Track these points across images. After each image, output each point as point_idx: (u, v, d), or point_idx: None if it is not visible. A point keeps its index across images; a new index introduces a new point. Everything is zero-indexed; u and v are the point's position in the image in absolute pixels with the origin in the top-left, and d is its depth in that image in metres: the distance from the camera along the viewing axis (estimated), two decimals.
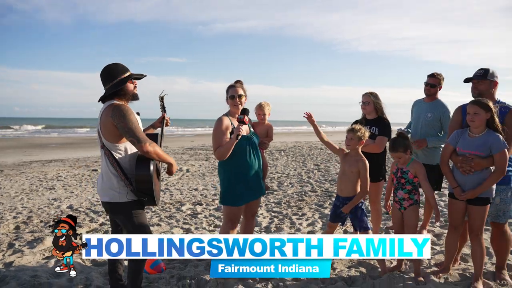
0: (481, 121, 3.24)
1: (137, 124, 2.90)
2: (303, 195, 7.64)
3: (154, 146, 2.88)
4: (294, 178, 9.66)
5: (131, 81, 3.00)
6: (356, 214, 3.70)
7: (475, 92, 3.58)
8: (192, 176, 10.23)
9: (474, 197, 3.28)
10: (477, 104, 3.25)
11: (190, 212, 6.27)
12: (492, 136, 3.23)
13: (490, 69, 3.54)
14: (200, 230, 5.23)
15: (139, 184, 2.91)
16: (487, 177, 3.25)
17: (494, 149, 3.20)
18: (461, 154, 3.34)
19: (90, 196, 7.58)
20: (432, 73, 4.69)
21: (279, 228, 5.36)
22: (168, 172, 3.13)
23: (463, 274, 3.62)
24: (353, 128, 3.73)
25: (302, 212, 6.25)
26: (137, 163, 2.93)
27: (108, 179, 2.92)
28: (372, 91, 4.43)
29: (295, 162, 13.10)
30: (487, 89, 3.53)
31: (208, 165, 12.33)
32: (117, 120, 2.82)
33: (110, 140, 2.90)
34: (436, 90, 4.64)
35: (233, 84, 3.72)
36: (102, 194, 2.98)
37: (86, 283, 3.48)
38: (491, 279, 3.53)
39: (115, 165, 2.90)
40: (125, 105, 2.94)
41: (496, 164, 3.21)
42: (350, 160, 3.73)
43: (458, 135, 3.42)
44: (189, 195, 7.73)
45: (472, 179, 3.29)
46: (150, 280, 3.49)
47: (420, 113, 4.65)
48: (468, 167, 3.26)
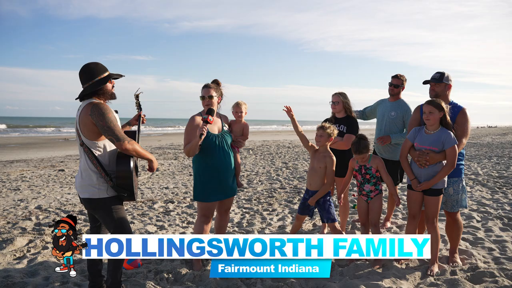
0: (435, 120, 3.58)
1: (116, 122, 2.99)
2: (272, 191, 7.86)
3: (133, 144, 2.99)
4: (263, 176, 9.88)
5: (110, 80, 3.09)
6: (324, 206, 3.96)
7: (432, 93, 3.91)
8: (162, 175, 10.24)
9: (429, 188, 3.62)
10: (431, 104, 3.60)
11: (162, 210, 6.34)
12: (445, 133, 3.57)
13: (445, 73, 3.88)
14: (173, 227, 5.33)
15: (119, 180, 3.01)
16: (439, 170, 3.59)
17: (446, 144, 3.54)
18: (418, 149, 3.68)
19: (59, 196, 7.46)
20: (396, 74, 5.04)
21: (250, 223, 5.54)
22: (149, 169, 3.22)
23: (421, 260, 3.94)
24: (323, 126, 3.99)
25: (272, 208, 6.47)
26: (117, 160, 3.02)
27: (87, 176, 3.00)
28: (341, 91, 4.70)
29: (264, 160, 13.33)
30: (442, 91, 3.87)
31: (178, 164, 12.35)
32: (96, 119, 2.91)
33: (89, 138, 2.98)
34: (399, 90, 5.00)
35: (208, 84, 3.82)
36: (82, 191, 3.04)
37: (63, 280, 3.50)
38: (445, 262, 3.89)
39: (95, 162, 2.98)
40: (103, 104, 3.02)
41: (447, 158, 3.56)
42: (319, 156, 4.00)
43: (416, 132, 3.75)
44: (160, 194, 7.78)
45: (427, 172, 3.63)
46: (128, 275, 3.57)
47: (385, 112, 4.97)
48: (423, 160, 3.60)
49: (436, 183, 3.61)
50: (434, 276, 3.54)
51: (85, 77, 3.03)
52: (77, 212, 6.09)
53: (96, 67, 3.05)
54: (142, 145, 3.16)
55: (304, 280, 3.47)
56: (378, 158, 3.98)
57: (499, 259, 3.97)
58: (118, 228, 3.03)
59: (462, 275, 3.58)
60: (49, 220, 5.54)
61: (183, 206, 6.65)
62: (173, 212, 6.17)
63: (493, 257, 4.04)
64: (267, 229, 5.19)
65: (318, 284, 3.41)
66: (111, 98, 3.14)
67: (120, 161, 3.01)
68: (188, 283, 3.39)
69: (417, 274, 3.57)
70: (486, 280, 3.44)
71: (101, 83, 3.02)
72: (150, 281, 3.40)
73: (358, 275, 3.56)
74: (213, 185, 3.72)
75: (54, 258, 4.00)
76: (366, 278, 3.49)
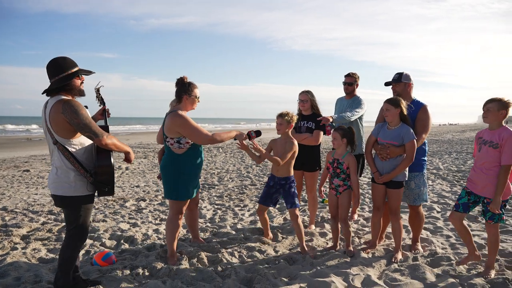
0: (393, 116, 3.82)
1: (90, 118, 2.95)
2: (243, 188, 7.99)
3: (111, 138, 2.99)
4: (234, 173, 9.99)
5: (78, 76, 3.03)
6: (290, 191, 4.14)
7: (394, 93, 4.17)
8: (132, 173, 10.15)
9: (389, 180, 3.86)
10: (388, 102, 3.86)
11: (134, 208, 6.33)
12: (405, 128, 3.82)
13: (404, 73, 4.14)
14: (146, 224, 5.35)
15: (101, 175, 2.99)
16: (399, 163, 3.83)
17: (405, 139, 3.80)
18: (380, 143, 3.93)
19: (26, 197, 7.27)
20: (348, 73, 5.26)
21: (223, 219, 5.64)
22: (127, 160, 3.23)
23: (387, 248, 4.19)
24: (282, 113, 4.12)
25: (243, 204, 6.59)
26: (97, 155, 3.00)
27: (63, 173, 2.96)
28: (308, 90, 4.88)
29: (234, 158, 13.44)
30: (403, 89, 4.12)
31: (147, 163, 12.25)
32: (69, 117, 2.85)
33: (64, 136, 2.93)
34: (354, 87, 5.22)
35: (195, 85, 3.77)
36: (55, 187, 2.99)
37: (36, 279, 3.46)
38: (408, 250, 4.15)
39: (72, 159, 2.94)
40: (74, 100, 2.97)
41: (407, 152, 3.81)
42: (281, 143, 4.15)
43: (379, 127, 4.01)
44: (132, 192, 7.74)
45: (388, 165, 3.87)
46: (103, 272, 3.59)
47: (342, 110, 5.19)
48: (384, 153, 3.84)
49: (396, 176, 3.85)
50: (398, 263, 3.78)
51: (52, 71, 2.95)
52: (46, 212, 5.98)
53: (65, 62, 2.98)
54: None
55: (277, 271, 3.62)
56: (353, 157, 4.08)
57: (455, 245, 4.32)
58: (79, 228, 3.07)
59: (423, 260, 3.84)
60: (16, 221, 5.43)
61: (155, 203, 6.66)
62: (145, 210, 6.18)
63: (450, 243, 4.37)
64: (239, 224, 5.31)
65: (290, 273, 3.57)
66: (80, 94, 3.08)
67: (101, 156, 2.99)
68: (164, 277, 3.46)
69: (382, 262, 3.79)
70: (443, 264, 3.73)
71: (69, 78, 2.95)
72: (126, 276, 3.44)
73: (328, 265, 3.74)
74: (194, 183, 3.84)
75: (25, 259, 3.95)
76: (335, 267, 3.68)
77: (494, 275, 3.42)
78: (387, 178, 3.87)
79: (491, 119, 3.37)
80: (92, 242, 4.51)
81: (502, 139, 3.29)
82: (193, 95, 3.71)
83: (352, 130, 4.13)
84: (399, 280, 3.36)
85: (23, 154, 15.16)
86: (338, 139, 4.05)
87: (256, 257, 3.98)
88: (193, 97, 3.72)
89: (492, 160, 3.35)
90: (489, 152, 3.37)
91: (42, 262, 3.96)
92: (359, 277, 3.41)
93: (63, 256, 3.11)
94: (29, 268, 3.74)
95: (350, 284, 3.28)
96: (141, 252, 4.14)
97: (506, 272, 3.50)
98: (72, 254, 3.13)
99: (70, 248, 3.11)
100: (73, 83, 3.00)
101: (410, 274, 3.50)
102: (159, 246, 4.30)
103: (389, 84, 4.22)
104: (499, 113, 3.33)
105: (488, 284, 3.24)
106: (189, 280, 3.40)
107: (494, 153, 3.34)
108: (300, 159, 4.81)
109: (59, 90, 2.97)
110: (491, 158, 3.35)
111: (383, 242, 4.43)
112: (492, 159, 3.35)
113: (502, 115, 3.33)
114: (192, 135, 3.57)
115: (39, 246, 4.40)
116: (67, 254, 3.11)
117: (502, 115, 3.33)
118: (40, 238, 4.70)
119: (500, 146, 3.30)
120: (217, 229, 5.06)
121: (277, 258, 3.97)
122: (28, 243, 4.49)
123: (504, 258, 3.84)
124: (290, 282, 3.36)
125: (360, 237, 4.66)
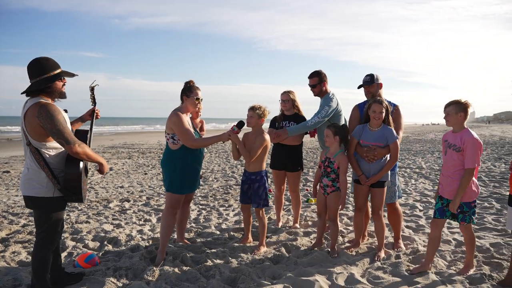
0: (382, 118, 3.85)
1: (65, 124, 2.87)
2: (228, 188, 7.98)
3: (83, 147, 2.90)
4: (219, 173, 9.98)
5: (60, 79, 2.95)
6: (258, 191, 4.11)
7: (368, 95, 4.23)
8: (116, 174, 10.04)
9: (377, 181, 3.90)
10: (382, 104, 3.85)
11: (118, 209, 6.27)
12: (388, 130, 3.87)
13: (374, 74, 4.22)
14: (130, 225, 5.30)
15: (68, 182, 2.92)
16: (384, 164, 3.89)
17: (389, 140, 3.84)
18: (365, 145, 3.94)
19: (5, 199, 7.12)
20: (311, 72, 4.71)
21: (207, 219, 5.63)
22: (100, 171, 3.21)
23: (370, 247, 4.24)
24: (254, 106, 4.10)
25: (228, 204, 6.59)
26: (66, 162, 2.93)
27: (35, 174, 2.89)
28: (290, 90, 4.89)
29: (219, 158, 13.43)
30: (376, 90, 4.21)
31: (132, 163, 12.14)
32: (43, 121, 2.78)
33: (37, 139, 2.87)
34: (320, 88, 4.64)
35: (196, 86, 3.88)
36: (26, 188, 2.92)
37: (15, 283, 3.37)
38: (390, 248, 4.21)
39: (42, 163, 2.87)
40: (52, 105, 2.88)
41: (391, 152, 3.87)
42: (252, 138, 4.11)
43: (360, 129, 3.99)
44: (115, 193, 7.66)
45: (375, 166, 3.91)
46: (86, 273, 3.54)
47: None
48: (372, 156, 3.87)
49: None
50: (381, 261, 3.82)
51: (32, 71, 2.88)
52: (27, 214, 5.87)
53: (47, 63, 2.91)
54: (94, 145, 3.11)
55: (261, 270, 3.63)
56: (344, 157, 4.03)
57: None
58: (50, 230, 2.98)
59: (405, 258, 3.90)
60: None
61: (139, 204, 6.60)
62: (129, 211, 6.12)
63: None
64: (223, 224, 5.31)
65: (274, 273, 3.58)
66: (60, 97, 3.01)
67: (69, 163, 2.92)
68: (148, 278, 3.43)
69: (365, 260, 3.84)
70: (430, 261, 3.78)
71: (50, 81, 2.88)
72: (109, 278, 3.41)
73: (312, 263, 3.76)
74: (191, 179, 3.90)
75: (3, 262, 3.87)
76: (319, 266, 3.71)
77: (473, 272, 3.49)
78: (375, 180, 3.90)
79: (452, 122, 3.39)
80: (74, 244, 4.45)
81: (464, 142, 3.29)
82: (191, 96, 3.81)
83: (346, 127, 4.14)
84: (382, 278, 3.41)
85: (3, 154, 14.84)
86: (330, 136, 3.99)
87: (240, 257, 3.98)
88: (192, 98, 3.81)
89: (457, 163, 3.34)
90: (453, 156, 3.37)
91: (22, 265, 3.88)
92: (342, 275, 3.45)
93: (36, 260, 3.01)
94: (7, 271, 3.65)
95: (334, 283, 3.31)
96: (124, 253, 4.10)
97: (483, 267, 3.59)
98: (45, 257, 3.02)
99: (41, 252, 3.01)
100: (54, 86, 2.92)
101: (393, 271, 3.55)
102: (143, 247, 4.27)
103: (361, 87, 4.27)
104: (457, 115, 3.33)
105: (467, 280, 3.31)
106: (173, 281, 3.38)
107: (458, 156, 3.33)
108: (282, 159, 4.83)
109: (39, 92, 2.90)
110: (455, 162, 3.35)
111: (366, 240, 4.48)
112: (456, 163, 3.35)
113: (461, 117, 3.33)
114: (180, 135, 3.72)
115: (19, 249, 4.31)
116: (39, 258, 3.00)
117: (461, 117, 3.33)
118: (21, 241, 4.61)
119: (462, 149, 3.30)
120: (201, 229, 5.05)
121: (261, 258, 3.98)
122: (7, 246, 4.40)
123: (482, 254, 3.94)
124: (274, 281, 3.37)
125: (344, 235, 4.70)
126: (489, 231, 4.77)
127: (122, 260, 3.85)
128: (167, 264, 3.71)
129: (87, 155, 2.93)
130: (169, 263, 3.73)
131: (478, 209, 5.87)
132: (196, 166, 3.93)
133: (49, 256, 3.05)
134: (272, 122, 4.95)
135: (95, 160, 3.04)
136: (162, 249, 3.85)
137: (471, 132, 3.32)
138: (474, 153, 3.26)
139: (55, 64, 2.95)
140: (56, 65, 2.96)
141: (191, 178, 3.91)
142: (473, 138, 3.27)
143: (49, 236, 3.02)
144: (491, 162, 11.37)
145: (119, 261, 3.86)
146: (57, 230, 3.04)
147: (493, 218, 5.32)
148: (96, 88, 3.55)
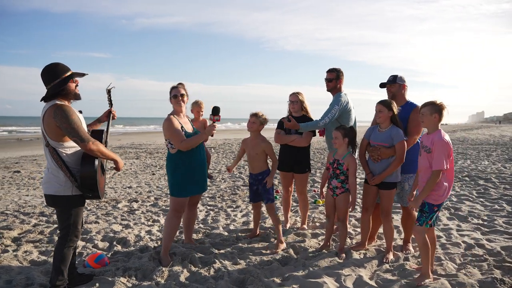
0: (384, 117, 3.85)
1: (79, 123, 3.03)
2: (235, 189, 8.00)
3: (97, 145, 3.05)
4: (226, 174, 9.99)
5: (72, 80, 3.10)
6: (266, 187, 4.30)
7: (389, 94, 4.20)
8: (124, 174, 10.11)
9: (380, 181, 3.89)
10: (381, 103, 3.89)
11: (126, 209, 6.31)
12: (395, 129, 3.86)
13: (398, 75, 4.18)
14: (139, 225, 5.34)
15: (84, 180, 3.07)
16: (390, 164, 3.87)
17: (395, 140, 3.83)
18: (372, 145, 3.97)
19: (17, 199, 7.21)
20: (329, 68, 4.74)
21: (215, 220, 5.65)
22: (115, 169, 3.29)
23: (378, 249, 4.23)
24: (257, 113, 4.27)
25: (236, 205, 6.60)
26: (82, 160, 3.08)
27: (53, 173, 3.05)
28: (299, 91, 4.89)
29: (226, 158, 13.44)
30: (397, 90, 4.16)
31: (140, 164, 12.21)
32: (59, 121, 2.95)
33: (55, 139, 3.02)
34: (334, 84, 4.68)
35: (178, 83, 3.95)
36: (47, 187, 3.09)
37: (27, 282, 3.43)
38: (399, 250, 4.19)
39: (60, 163, 3.03)
40: (67, 106, 3.05)
41: (396, 152, 3.85)
42: (252, 143, 4.29)
43: (370, 130, 4.04)
44: (124, 193, 7.71)
45: (380, 166, 3.91)
46: (96, 273, 3.58)
47: None
48: (376, 155, 3.88)
49: (388, 177, 3.88)
50: (389, 263, 3.82)
51: (46, 78, 3.05)
52: (38, 214, 5.94)
53: (57, 68, 3.07)
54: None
55: (270, 271, 3.64)
56: (353, 158, 4.04)
57: (445, 245, 4.36)
58: (71, 227, 3.13)
59: (414, 261, 3.89)
60: (7, 223, 5.38)
61: (147, 205, 6.65)
62: (137, 211, 6.17)
63: (440, 243, 4.40)
64: (231, 225, 5.32)
65: (282, 274, 3.59)
66: (75, 98, 3.16)
67: (85, 161, 3.08)
68: (158, 279, 3.46)
69: (374, 262, 3.83)
70: (434, 264, 3.75)
71: (62, 84, 3.04)
72: (119, 278, 3.44)
73: (320, 265, 3.76)
74: (192, 180, 3.89)
75: (16, 261, 3.93)
76: (328, 268, 3.71)
77: (429, 282, 3.30)
78: (379, 179, 3.90)
79: (426, 123, 3.36)
80: (84, 244, 4.49)
81: (433, 143, 3.25)
82: (171, 96, 3.87)
83: (354, 130, 4.16)
84: (390, 281, 3.40)
85: (14, 154, 15.02)
86: (339, 138, 4.01)
87: (248, 258, 3.99)
88: (171, 98, 3.87)
89: (428, 165, 3.31)
90: (424, 157, 3.35)
91: (34, 265, 3.93)
92: (351, 277, 3.45)
93: (57, 256, 3.16)
94: (20, 270, 3.72)
95: (342, 285, 3.31)
96: (134, 253, 4.14)
97: (494, 271, 3.55)
98: (65, 253, 3.17)
99: (63, 248, 3.15)
100: (68, 88, 3.08)
101: (401, 274, 3.53)
102: (152, 248, 4.30)
103: (384, 86, 4.26)
104: (432, 116, 3.30)
105: (478, 284, 3.28)
106: (182, 282, 3.41)
107: (429, 157, 3.30)
108: (289, 161, 4.83)
109: (55, 96, 3.06)
110: (427, 163, 3.32)
111: (374, 242, 4.47)
112: (428, 164, 3.31)
113: (435, 118, 3.29)
114: (170, 137, 3.76)
115: (30, 248, 4.37)
116: (61, 254, 3.15)
117: (435, 118, 3.29)
118: (32, 240, 4.67)
119: (431, 151, 3.26)
120: (209, 230, 5.07)
121: (269, 259, 3.99)
122: (19, 246, 4.46)
123: (492, 257, 3.90)
124: (282, 283, 3.38)
125: (352, 237, 4.69)
126: (500, 234, 4.73)
127: (131, 261, 3.89)
128: (175, 265, 3.74)
129: (101, 152, 3.07)
130: (177, 264, 3.76)
131: (488, 211, 5.83)
132: (196, 168, 3.91)
133: (69, 253, 3.20)
134: (280, 123, 4.96)
135: (110, 157, 3.18)
136: (165, 252, 3.87)
137: (441, 134, 3.28)
138: (442, 154, 3.21)
139: (65, 67, 3.11)
140: (66, 67, 3.12)
141: (192, 180, 3.90)
142: (442, 139, 3.24)
143: (70, 233, 3.16)
144: (501, 164, 11.24)
145: (128, 261, 3.90)
146: (77, 227, 3.19)
147: (504, 221, 5.27)
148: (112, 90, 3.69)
